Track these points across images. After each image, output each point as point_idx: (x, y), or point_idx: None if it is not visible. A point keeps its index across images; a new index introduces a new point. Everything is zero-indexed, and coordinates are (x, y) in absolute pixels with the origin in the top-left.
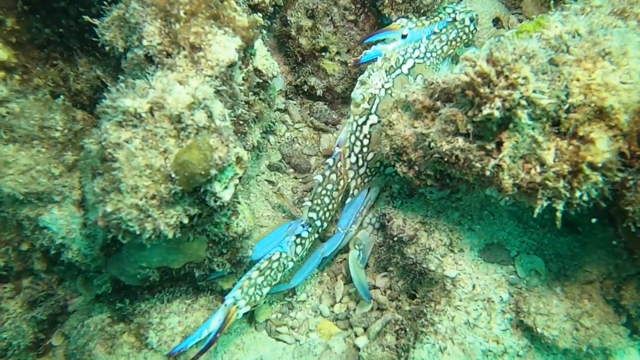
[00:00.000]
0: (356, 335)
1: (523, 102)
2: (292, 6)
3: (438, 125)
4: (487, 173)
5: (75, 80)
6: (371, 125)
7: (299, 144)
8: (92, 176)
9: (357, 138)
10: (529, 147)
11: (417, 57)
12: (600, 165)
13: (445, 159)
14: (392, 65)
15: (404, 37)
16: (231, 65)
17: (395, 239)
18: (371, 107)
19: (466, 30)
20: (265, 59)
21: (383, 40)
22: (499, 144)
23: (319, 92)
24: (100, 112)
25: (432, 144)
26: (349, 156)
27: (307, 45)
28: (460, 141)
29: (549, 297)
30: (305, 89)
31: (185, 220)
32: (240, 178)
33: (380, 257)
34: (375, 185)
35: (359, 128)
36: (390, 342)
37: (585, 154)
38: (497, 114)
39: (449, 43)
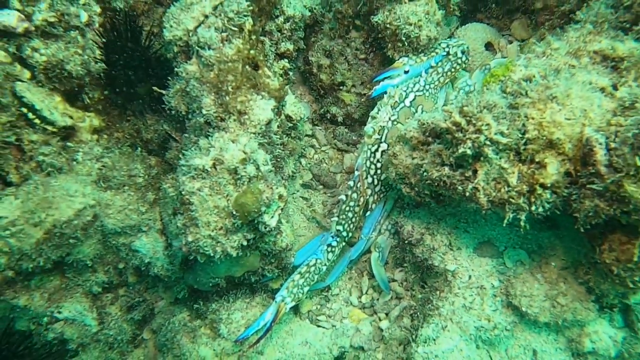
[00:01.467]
0: (380, 320)
1: (488, 142)
2: (312, 48)
3: (429, 158)
4: (467, 194)
5: (145, 131)
6: (382, 152)
7: (326, 163)
8: (174, 214)
9: (371, 163)
10: (498, 172)
11: (418, 90)
12: (549, 185)
13: (436, 183)
14: (396, 101)
15: (406, 72)
16: (269, 122)
17: (407, 241)
18: (381, 137)
19: (459, 61)
20: (294, 106)
21: (389, 76)
22: (475, 172)
23: (340, 119)
24: (176, 165)
25: (425, 173)
26: (366, 178)
27: (327, 81)
28: (446, 170)
29: (531, 282)
30: (329, 117)
31: (245, 243)
32: (282, 209)
33: (397, 256)
34: (390, 199)
35: (372, 155)
36: (406, 323)
37: (539, 177)
38: (469, 151)
39: (444, 74)
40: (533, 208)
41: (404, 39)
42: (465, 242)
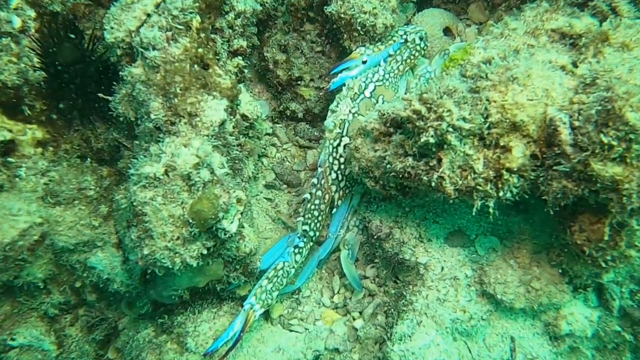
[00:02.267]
0: (354, 319)
1: (450, 129)
2: (267, 44)
3: (392, 149)
4: (433, 184)
5: (96, 140)
6: (345, 146)
7: (289, 162)
8: (128, 226)
9: (334, 158)
10: (463, 159)
11: (377, 80)
12: (515, 169)
13: (401, 175)
14: (355, 92)
15: (364, 62)
16: (222, 123)
17: (375, 237)
18: (343, 131)
19: (417, 48)
20: (249, 105)
21: (347, 68)
22: (439, 160)
23: (300, 115)
24: (127, 174)
25: (389, 165)
26: (330, 174)
27: (284, 76)
28: (409, 160)
29: (504, 269)
30: (288, 113)
31: (205, 252)
32: (242, 213)
33: (366, 252)
34: (356, 194)
35: (334, 150)
36: (381, 321)
37: (504, 161)
38: (432, 140)
39: (403, 62)
40: (501, 194)
41: (359, 28)
42: (435, 233)
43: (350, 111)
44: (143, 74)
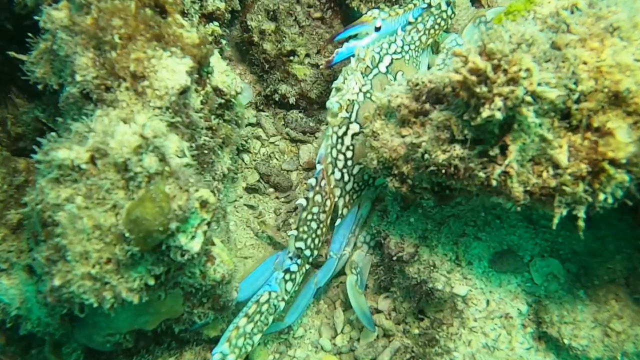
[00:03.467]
0: None
1: (528, 99)
2: (251, 9)
3: (430, 133)
4: (494, 182)
5: (14, 123)
6: (353, 135)
7: (277, 159)
8: (35, 243)
9: (339, 152)
10: (538, 147)
11: (394, 53)
12: (624, 161)
13: (443, 171)
14: (367, 66)
15: (377, 29)
16: (183, 92)
17: (395, 258)
18: (350, 115)
19: (444, 15)
20: (225, 75)
21: (355, 35)
22: (504, 148)
23: (292, 100)
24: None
25: (426, 155)
26: (333, 173)
27: (273, 51)
28: (457, 149)
29: (571, 303)
30: (277, 98)
31: (151, 282)
32: (209, 223)
33: (380, 277)
34: (366, 199)
35: (339, 140)
36: None
37: (605, 149)
38: (498, 115)
39: (426, 32)
40: (600, 198)
41: None
42: (477, 253)
43: (360, 89)
44: (67, 17)
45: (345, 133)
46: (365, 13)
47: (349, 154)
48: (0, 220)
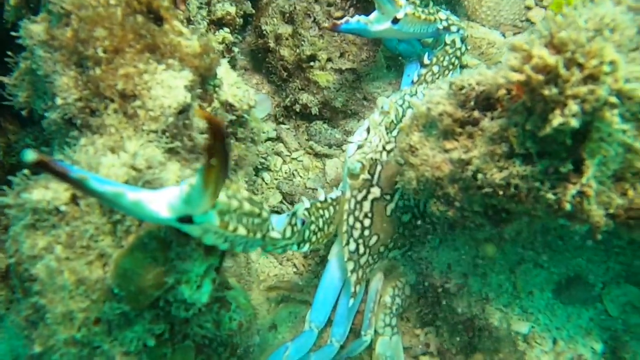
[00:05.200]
0: None
1: (613, 99)
2: (265, 12)
3: (482, 146)
4: (567, 206)
5: (7, 153)
6: (373, 201)
7: (301, 176)
8: (15, 299)
9: (356, 219)
10: (622, 159)
11: None
12: None
13: (500, 192)
14: (392, 120)
15: (394, 22)
16: (183, 110)
17: (440, 289)
18: (373, 177)
19: (457, 53)
20: (236, 87)
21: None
22: (578, 163)
23: (314, 110)
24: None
25: (479, 175)
26: (348, 243)
27: (291, 57)
28: (518, 165)
29: None
30: (298, 109)
31: (151, 342)
32: (218, 268)
33: (422, 311)
34: (377, 272)
35: (357, 206)
36: None
37: None
38: (574, 122)
39: (442, 72)
40: None
41: None
42: (538, 282)
43: (384, 147)
44: (44, 30)
45: (365, 198)
46: None
47: (367, 222)
48: None
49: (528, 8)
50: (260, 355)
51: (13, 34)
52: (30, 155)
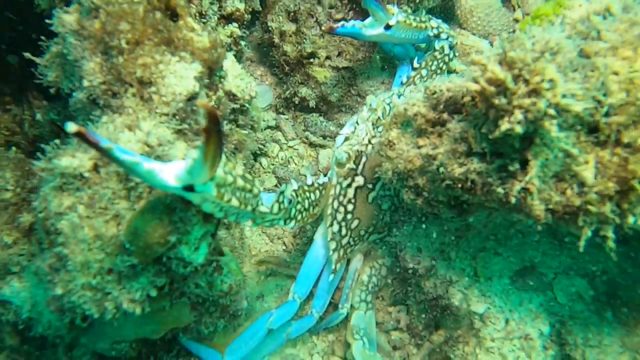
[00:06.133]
0: None
1: (551, 112)
2: (272, 10)
3: (447, 145)
4: (513, 200)
5: (31, 125)
6: (356, 188)
7: (295, 163)
8: (39, 248)
9: (340, 203)
10: (562, 162)
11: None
12: None
13: (460, 185)
14: (379, 117)
15: (387, 27)
16: (191, 98)
17: (410, 271)
18: (357, 167)
19: (446, 59)
20: (239, 79)
21: (365, 24)
22: (524, 163)
23: (312, 104)
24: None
25: (442, 169)
26: (331, 225)
27: (293, 52)
28: (475, 163)
29: (598, 325)
30: (297, 101)
31: (154, 293)
32: (214, 234)
33: (395, 290)
34: (357, 253)
35: (342, 192)
36: None
37: (636, 167)
38: (518, 128)
39: (430, 76)
40: (630, 220)
41: None
42: (497, 269)
43: (369, 141)
44: (76, 21)
45: (349, 185)
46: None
47: (350, 207)
48: (12, 223)
49: (516, 20)
50: (246, 319)
51: (47, 21)
52: (71, 127)
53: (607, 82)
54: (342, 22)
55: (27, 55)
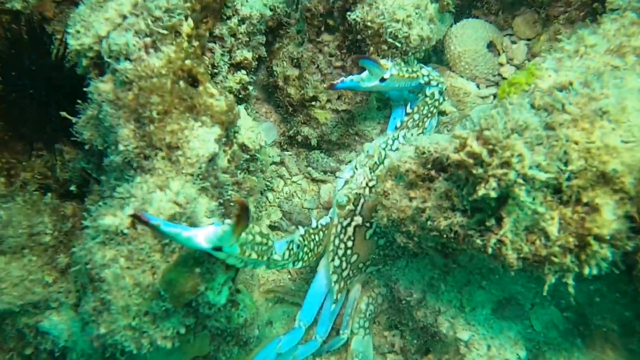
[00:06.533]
0: None
1: (520, 180)
2: (277, 56)
3: (434, 200)
4: (490, 250)
5: (62, 169)
6: (355, 227)
7: (299, 197)
8: (83, 291)
9: (340, 240)
10: (532, 219)
11: (398, 150)
12: (608, 237)
13: (445, 235)
14: (375, 162)
15: (382, 80)
16: (212, 159)
17: (404, 302)
18: (356, 208)
19: (436, 104)
20: (250, 131)
21: (363, 78)
22: (500, 219)
23: (314, 142)
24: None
25: (429, 221)
26: (333, 260)
27: (296, 95)
28: (458, 217)
29: (569, 350)
30: (299, 139)
31: (183, 330)
32: (233, 278)
33: (390, 317)
34: (356, 283)
35: (343, 230)
36: None
37: (592, 225)
38: (493, 194)
39: (422, 119)
40: (586, 270)
41: (389, 40)
42: (480, 301)
43: (367, 184)
44: (111, 91)
45: (349, 224)
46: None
47: (349, 243)
48: (51, 264)
49: (500, 65)
50: (257, 345)
51: (85, 89)
52: (129, 211)
53: (569, 150)
54: (341, 78)
55: (64, 114)
